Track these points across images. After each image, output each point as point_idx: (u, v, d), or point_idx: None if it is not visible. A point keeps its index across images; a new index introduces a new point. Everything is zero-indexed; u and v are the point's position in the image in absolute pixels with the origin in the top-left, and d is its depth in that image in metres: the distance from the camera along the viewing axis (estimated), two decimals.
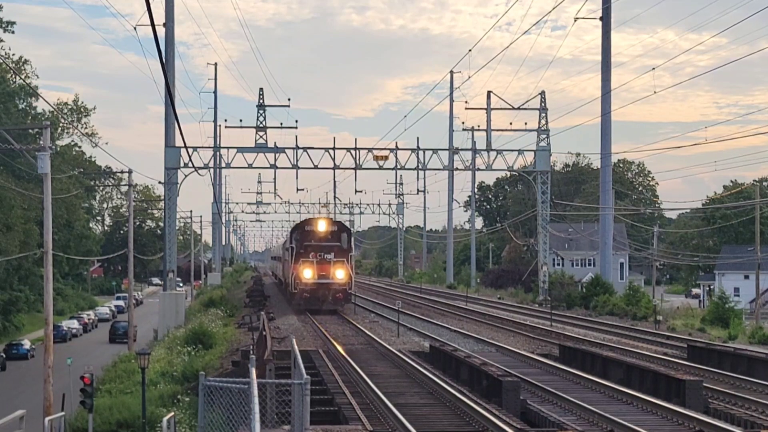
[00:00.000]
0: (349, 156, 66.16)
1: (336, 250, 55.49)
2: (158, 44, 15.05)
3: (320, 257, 54.97)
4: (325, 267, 55.07)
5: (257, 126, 66.51)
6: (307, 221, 58.86)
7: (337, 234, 56.47)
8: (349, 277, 56.12)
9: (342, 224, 60.55)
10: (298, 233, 56.92)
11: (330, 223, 57.96)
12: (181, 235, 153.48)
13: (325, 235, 55.89)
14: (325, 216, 61.38)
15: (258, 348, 32.21)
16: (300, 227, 57.86)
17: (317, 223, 56.96)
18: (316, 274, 55.06)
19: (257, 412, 13.74)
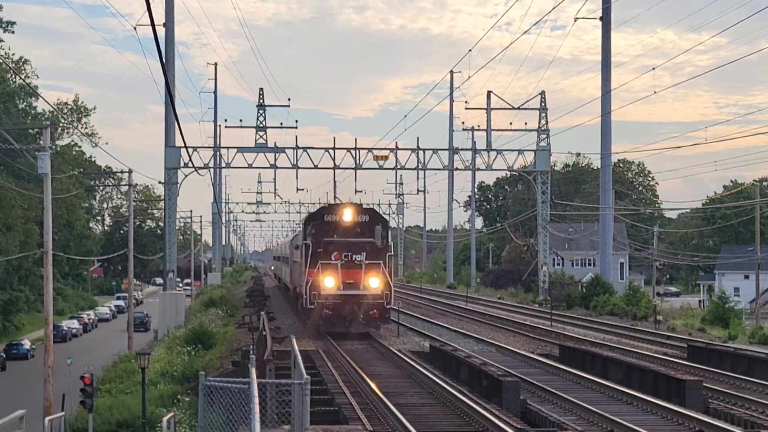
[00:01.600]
0: (349, 156, 66.16)
1: (369, 249, 40.83)
2: (158, 44, 15.06)
3: (347, 259, 40.39)
4: (354, 273, 40.43)
5: (257, 126, 66.51)
6: (327, 209, 43.26)
7: (369, 226, 41.67)
8: (387, 287, 40.56)
9: (375, 213, 44.23)
10: (315, 225, 41.74)
11: (359, 210, 42.58)
12: (181, 235, 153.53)
13: (354, 228, 41.41)
14: (352, 202, 44.11)
15: (258, 348, 32.23)
16: (318, 217, 42.32)
17: (342, 212, 41.67)
18: (341, 282, 40.24)
19: (257, 412, 13.74)
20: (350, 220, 41.34)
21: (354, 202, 44.51)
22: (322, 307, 40.25)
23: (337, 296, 40.20)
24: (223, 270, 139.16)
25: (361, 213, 42.12)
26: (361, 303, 40.12)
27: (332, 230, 41.13)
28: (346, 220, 41.26)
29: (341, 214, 41.47)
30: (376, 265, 40.52)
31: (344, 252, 40.48)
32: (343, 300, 40.13)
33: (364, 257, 40.42)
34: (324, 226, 41.41)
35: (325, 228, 41.27)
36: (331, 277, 40.26)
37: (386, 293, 40.48)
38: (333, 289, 40.22)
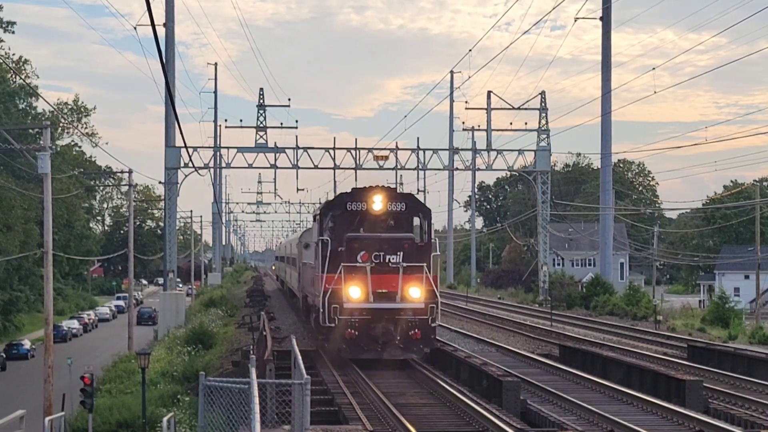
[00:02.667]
0: (349, 156, 66.18)
1: (407, 248, 30.63)
2: (158, 44, 15.06)
3: (378, 261, 30.39)
4: (389, 279, 30.46)
5: (257, 126, 66.56)
6: (350, 195, 32.39)
7: (407, 217, 31.86)
8: (432, 298, 30.52)
9: (414, 200, 33.39)
10: (335, 217, 31.91)
11: (394, 196, 32.23)
12: (181, 235, 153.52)
13: (386, 220, 31.69)
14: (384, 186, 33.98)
15: (258, 348, 32.23)
16: (338, 206, 32.24)
17: (371, 198, 31.55)
18: (371, 292, 30.18)
19: (257, 412, 13.75)
20: (381, 209, 31.26)
21: (386, 186, 33.04)
22: (345, 325, 29.73)
23: (367, 311, 29.79)
24: (223, 270, 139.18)
25: (395, 200, 31.68)
26: (399, 320, 29.77)
27: (358, 223, 31.30)
28: (377, 209, 31.17)
29: (370, 201, 31.22)
30: (418, 269, 30.18)
31: (375, 251, 30.09)
32: (374, 316, 29.68)
33: (401, 258, 30.15)
34: (347, 217, 31.34)
35: (348, 220, 31.27)
36: (357, 285, 29.95)
37: (431, 306, 30.03)
38: (360, 301, 29.90)
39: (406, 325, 29.89)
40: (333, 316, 29.82)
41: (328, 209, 32.34)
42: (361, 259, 30.17)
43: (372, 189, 31.71)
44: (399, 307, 29.90)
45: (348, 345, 29.95)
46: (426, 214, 32.27)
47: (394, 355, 30.11)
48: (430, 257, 31.02)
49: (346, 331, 29.83)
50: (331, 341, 30.58)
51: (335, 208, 31.92)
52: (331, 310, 29.82)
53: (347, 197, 31.89)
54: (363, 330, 29.83)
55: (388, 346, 29.87)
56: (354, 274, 29.96)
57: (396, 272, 30.06)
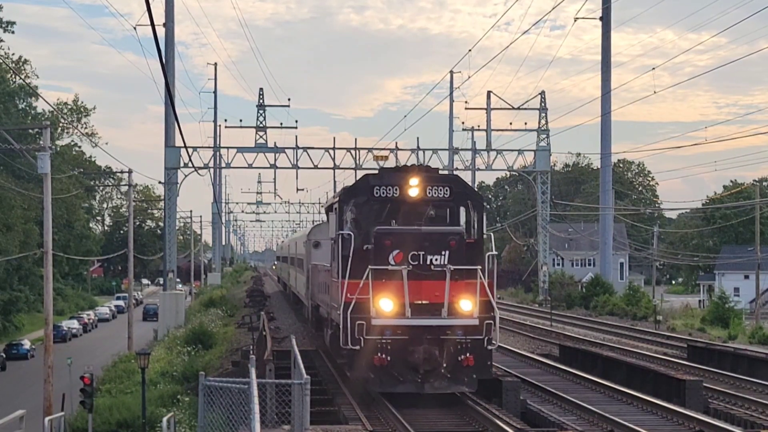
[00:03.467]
0: (349, 156, 66.23)
1: (455, 245, 23.60)
2: (158, 44, 15.06)
3: (418, 263, 23.41)
4: (431, 287, 23.48)
5: (257, 126, 66.60)
6: (379, 176, 25.25)
7: (452, 206, 25.10)
8: (488, 311, 23.47)
9: (460, 183, 25.67)
10: (359, 206, 24.81)
11: (434, 179, 25.02)
12: (181, 235, 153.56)
13: (426, 209, 24.87)
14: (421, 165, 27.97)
15: (258, 348, 32.21)
16: (362, 190, 24.94)
17: (406, 181, 24.61)
18: (409, 304, 23.14)
19: (257, 412, 13.75)
20: (419, 195, 24.21)
21: (423, 165, 27.39)
22: (374, 348, 22.75)
23: (403, 329, 22.84)
24: (223, 270, 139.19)
25: (437, 183, 24.46)
26: (445, 341, 22.87)
27: (389, 213, 24.38)
28: (413, 195, 24.16)
29: (405, 185, 24.21)
30: (470, 274, 23.12)
31: (412, 250, 23.12)
32: (412, 336, 22.77)
33: (447, 259, 23.07)
34: (374, 206, 24.45)
35: (375, 209, 24.43)
36: (390, 294, 22.92)
37: (487, 322, 23.03)
38: (394, 315, 22.93)
39: (454, 347, 22.79)
40: (357, 335, 22.56)
41: (350, 196, 24.47)
42: (394, 260, 22.90)
43: (407, 169, 24.76)
44: (446, 324, 22.75)
45: (377, 374, 22.73)
46: (476, 202, 24.72)
47: (439, 387, 22.84)
48: (484, 257, 23.85)
49: (375, 355, 22.60)
50: (355, 369, 23.00)
51: (358, 195, 24.36)
52: (355, 328, 22.53)
53: (374, 180, 24.47)
54: (398, 354, 22.67)
55: (431, 375, 22.69)
56: (385, 280, 22.82)
57: (441, 277, 22.83)
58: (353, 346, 22.77)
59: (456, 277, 22.96)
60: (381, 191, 24.52)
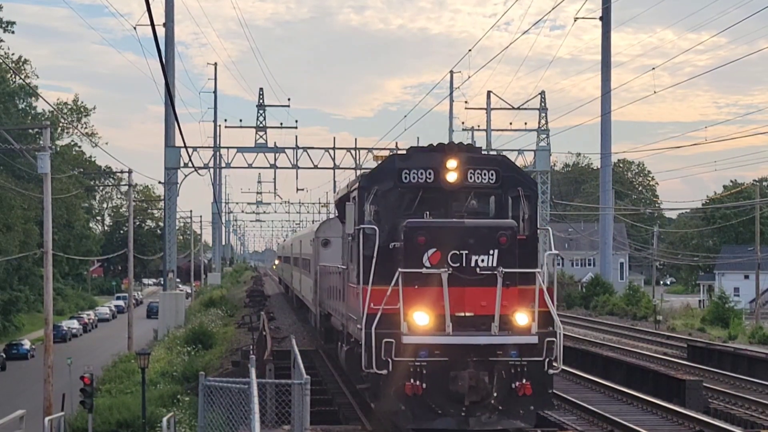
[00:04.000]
0: (349, 156, 66.16)
1: (506, 243, 18.77)
2: (158, 44, 15.06)
3: (459, 264, 18.57)
4: (477, 294, 18.68)
5: (257, 126, 66.57)
6: (409, 157, 20.32)
7: (499, 194, 20.24)
8: (548, 324, 18.85)
9: (509, 166, 20.72)
10: (384, 193, 20.02)
11: (476, 160, 20.35)
12: (181, 235, 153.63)
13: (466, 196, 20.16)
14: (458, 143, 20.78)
15: (258, 348, 32.21)
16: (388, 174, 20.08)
17: (443, 162, 19.94)
18: (449, 317, 18.29)
19: (257, 412, 13.75)
20: (458, 179, 19.76)
21: (461, 143, 20.97)
22: (405, 373, 18.16)
23: (443, 349, 18.31)
24: (223, 270, 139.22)
25: (480, 165, 20.03)
26: (496, 364, 18.34)
27: (421, 203, 19.88)
28: (452, 180, 19.74)
29: (441, 167, 19.76)
30: (526, 279, 18.85)
31: (452, 249, 18.58)
32: (454, 357, 18.27)
33: (496, 259, 18.58)
34: (402, 194, 19.91)
35: (404, 198, 19.91)
36: (426, 305, 18.42)
37: (548, 340, 18.54)
38: (431, 331, 18.41)
39: (507, 372, 18.26)
40: (384, 356, 17.93)
41: (372, 182, 19.92)
42: (429, 261, 18.36)
43: (444, 149, 19.95)
44: (497, 343, 18.22)
45: (410, 406, 18.11)
46: (529, 189, 20.17)
47: (488, 423, 18.25)
48: (538, 258, 20.26)
49: (407, 382, 17.97)
50: (382, 398, 18.32)
51: (383, 180, 19.83)
52: (381, 348, 17.91)
53: (402, 162, 20.00)
54: (436, 381, 18.06)
55: (478, 408, 18.17)
56: (419, 286, 18.28)
57: (489, 283, 18.27)
58: (379, 369, 17.99)
59: (508, 282, 18.32)
60: (411, 176, 19.89)
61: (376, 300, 18.32)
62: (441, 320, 18.20)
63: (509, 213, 19.85)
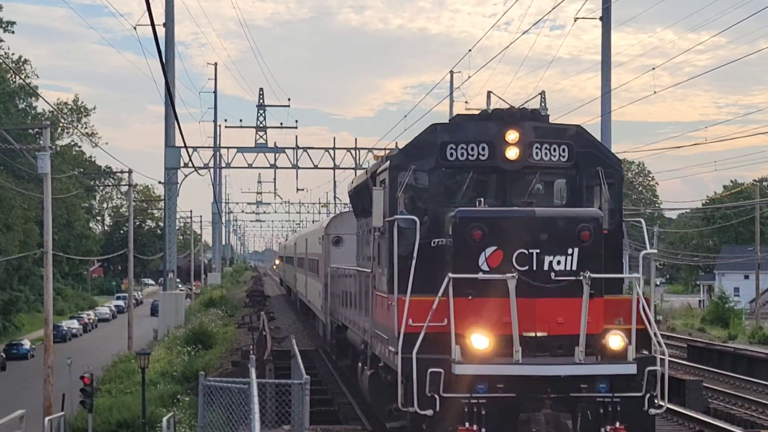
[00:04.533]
0: (349, 156, 66.15)
1: (589, 238, 14.21)
2: (158, 44, 15.05)
3: (528, 267, 14.08)
4: (554, 308, 14.06)
5: (257, 126, 66.59)
6: (456, 128, 15.84)
7: (574, 176, 15.82)
8: (646, 345, 14.38)
9: (584, 138, 15.99)
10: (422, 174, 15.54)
11: (543, 132, 15.72)
12: (181, 235, 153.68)
13: (530, 178, 15.80)
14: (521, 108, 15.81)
15: (258, 348, 32.23)
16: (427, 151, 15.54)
17: (501, 134, 15.40)
18: (516, 338, 13.65)
19: (257, 412, 13.75)
20: (520, 155, 15.62)
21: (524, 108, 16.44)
22: (458, 412, 13.80)
23: (509, 382, 13.86)
24: (223, 270, 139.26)
25: (549, 138, 15.89)
26: (580, 403, 13.95)
27: (472, 187, 15.89)
28: (512, 156, 15.62)
29: (498, 141, 15.64)
30: (610, 286, 14.98)
31: (519, 248, 14.34)
32: (525, 393, 13.86)
33: (575, 261, 14.33)
34: (449, 175, 15.93)
35: (450, 181, 15.97)
36: (484, 323, 14.18)
37: (649, 369, 14.18)
38: (489, 354, 14.10)
39: (595, 412, 13.92)
40: (430, 391, 13.70)
41: (407, 160, 15.59)
42: (488, 263, 14.22)
43: (502, 116, 15.62)
44: (583, 374, 13.84)
45: None
46: (611, 168, 15.97)
47: None
48: (623, 258, 16.93)
49: (461, 426, 13.73)
50: None
51: (422, 158, 15.58)
52: (425, 379, 13.68)
53: (447, 134, 15.68)
54: (500, 425, 13.81)
55: None
56: (475, 296, 14.12)
57: (569, 293, 14.07)
58: (422, 409, 13.66)
59: (592, 291, 13.92)
60: (459, 152, 15.47)
61: (417, 315, 14.05)
62: (505, 343, 13.81)
63: (589, 197, 15.83)
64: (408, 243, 14.84)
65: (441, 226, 15.13)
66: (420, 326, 13.99)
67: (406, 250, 14.80)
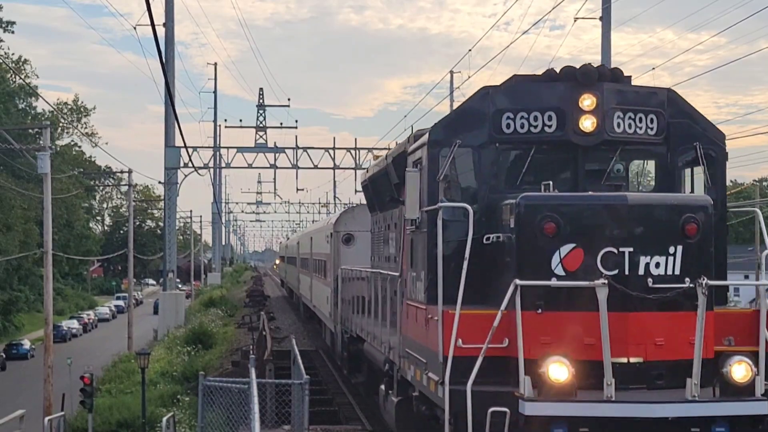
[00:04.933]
0: (349, 156, 66.19)
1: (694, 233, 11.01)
2: (158, 44, 15.05)
3: (617, 271, 10.78)
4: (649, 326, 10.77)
5: (257, 126, 66.71)
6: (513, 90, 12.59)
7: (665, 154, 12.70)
8: None
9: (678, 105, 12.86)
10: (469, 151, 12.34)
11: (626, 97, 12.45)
12: (181, 235, 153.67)
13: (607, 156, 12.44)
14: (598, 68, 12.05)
15: (258, 348, 32.23)
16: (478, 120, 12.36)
17: (574, 99, 12.15)
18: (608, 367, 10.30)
19: (257, 412, 13.75)
20: (596, 127, 12.30)
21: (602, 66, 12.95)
22: None
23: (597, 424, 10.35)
24: (223, 270, 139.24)
25: (634, 104, 12.60)
26: None
27: (536, 167, 12.52)
28: (588, 127, 12.29)
29: (572, 105, 12.32)
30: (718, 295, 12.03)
31: (607, 246, 11.03)
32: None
33: (678, 264, 11.07)
34: (505, 151, 12.70)
35: (507, 159, 12.79)
36: (563, 346, 10.71)
37: None
38: (569, 387, 10.41)
39: None
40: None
41: (451, 132, 12.57)
42: (565, 266, 11.28)
43: (575, 76, 12.45)
44: (699, 415, 10.63)
45: None
46: (712, 144, 12.99)
47: None
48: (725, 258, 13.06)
49: None
50: None
51: (470, 129, 12.60)
52: (486, 421, 10.68)
53: (503, 99, 12.71)
54: None
55: None
56: (547, 310, 11.23)
57: (674, 305, 11.14)
58: None
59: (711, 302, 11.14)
60: (518, 122, 12.39)
61: (468, 333, 10.97)
62: (587, 371, 10.59)
63: (678, 186, 12.80)
64: (454, 239, 11.87)
65: (496, 218, 11.97)
66: (474, 348, 10.77)
67: (453, 249, 11.83)
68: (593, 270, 10.95)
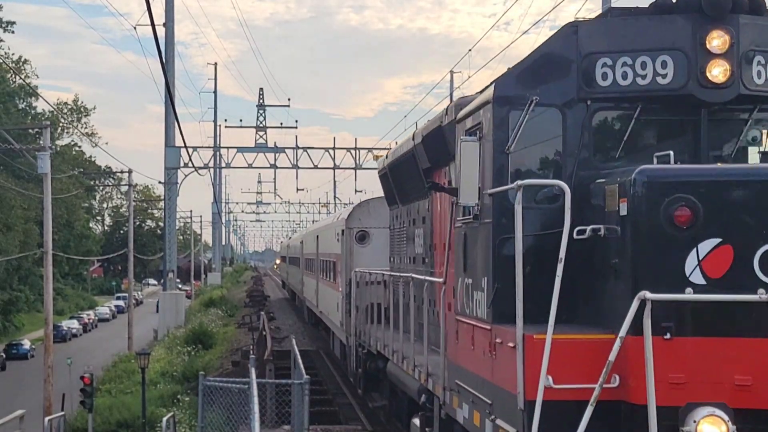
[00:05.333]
0: (349, 156, 66.21)
1: None
2: (158, 44, 15.05)
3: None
4: None
5: (257, 126, 66.70)
6: (610, 27, 8.82)
7: None
8: None
9: None
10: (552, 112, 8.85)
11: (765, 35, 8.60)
12: (181, 235, 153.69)
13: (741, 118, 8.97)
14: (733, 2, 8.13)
15: (258, 348, 32.23)
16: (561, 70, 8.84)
17: (703, 37, 8.58)
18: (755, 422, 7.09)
19: (257, 412, 13.75)
20: (728, 74, 8.73)
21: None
22: None
23: None
24: (223, 270, 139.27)
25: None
26: None
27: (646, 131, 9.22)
28: (718, 77, 8.77)
29: (695, 47, 8.75)
30: None
31: (764, 243, 7.67)
32: None
33: None
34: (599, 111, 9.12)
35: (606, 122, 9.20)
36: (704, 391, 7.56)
37: None
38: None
39: None
40: None
41: (525, 85, 9.11)
42: (705, 270, 7.80)
43: (697, 5, 8.91)
44: None
45: None
46: None
47: None
48: None
49: None
50: None
51: (550, 81, 9.18)
52: None
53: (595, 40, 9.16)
54: None
55: None
56: (679, 334, 7.80)
57: None
58: None
59: None
60: (619, 71, 9.17)
61: (562, 368, 7.97)
62: (743, 426, 7.66)
63: None
64: (531, 233, 8.75)
65: (589, 203, 8.76)
66: (570, 390, 7.85)
67: (529, 247, 8.64)
68: (748, 276, 7.73)
